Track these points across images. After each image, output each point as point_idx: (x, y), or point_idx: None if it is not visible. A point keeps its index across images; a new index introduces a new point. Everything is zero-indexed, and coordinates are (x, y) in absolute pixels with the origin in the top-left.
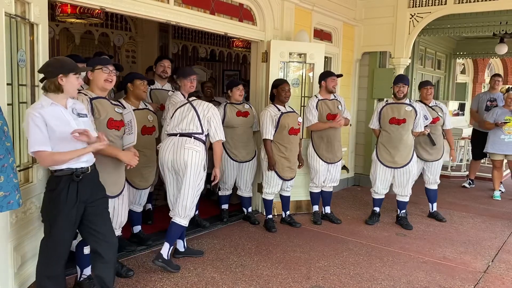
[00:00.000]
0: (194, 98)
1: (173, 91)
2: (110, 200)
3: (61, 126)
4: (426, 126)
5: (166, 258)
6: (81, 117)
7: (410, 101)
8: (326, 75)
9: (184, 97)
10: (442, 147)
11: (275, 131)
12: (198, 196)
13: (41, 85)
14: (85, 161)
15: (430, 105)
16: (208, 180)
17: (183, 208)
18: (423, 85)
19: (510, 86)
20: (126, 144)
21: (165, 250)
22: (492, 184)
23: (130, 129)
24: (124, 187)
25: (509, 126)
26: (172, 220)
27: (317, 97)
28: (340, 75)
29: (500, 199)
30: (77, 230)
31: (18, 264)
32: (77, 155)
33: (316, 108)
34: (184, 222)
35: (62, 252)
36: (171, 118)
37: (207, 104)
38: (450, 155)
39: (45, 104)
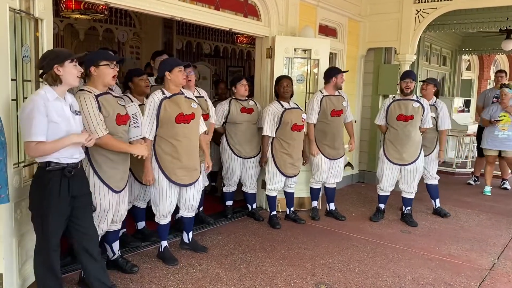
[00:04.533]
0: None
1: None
2: (114, 194)
3: (63, 123)
4: None
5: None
6: (77, 114)
7: (417, 97)
8: (337, 71)
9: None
10: (434, 141)
11: (278, 127)
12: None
13: (41, 79)
14: (77, 157)
15: (429, 103)
16: (213, 177)
17: None
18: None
19: (505, 83)
20: (133, 137)
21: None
22: (485, 180)
23: (136, 122)
24: (127, 182)
25: (503, 123)
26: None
27: (322, 92)
28: (346, 71)
29: (490, 194)
30: None
31: (22, 259)
32: (64, 144)
33: (320, 104)
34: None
35: (55, 247)
36: None
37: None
38: (438, 155)
39: (50, 97)
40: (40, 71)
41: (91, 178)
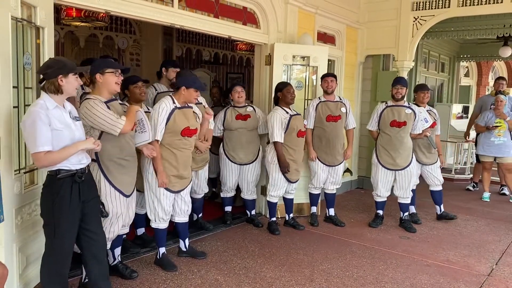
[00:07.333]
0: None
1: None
2: (125, 199)
3: (66, 130)
4: (427, 129)
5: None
6: (77, 120)
7: (409, 104)
8: (322, 76)
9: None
10: (436, 150)
11: (285, 133)
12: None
13: (41, 86)
14: (84, 162)
15: (426, 109)
16: (214, 183)
17: None
18: (420, 89)
19: (500, 90)
20: (140, 142)
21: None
22: (483, 186)
23: (143, 128)
24: (134, 187)
25: (499, 129)
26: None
27: (319, 98)
28: (333, 76)
29: (489, 200)
30: None
31: (23, 265)
32: (71, 153)
33: (316, 110)
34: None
35: (68, 253)
36: None
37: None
38: (440, 160)
39: (50, 105)
40: (41, 77)
41: (102, 184)
